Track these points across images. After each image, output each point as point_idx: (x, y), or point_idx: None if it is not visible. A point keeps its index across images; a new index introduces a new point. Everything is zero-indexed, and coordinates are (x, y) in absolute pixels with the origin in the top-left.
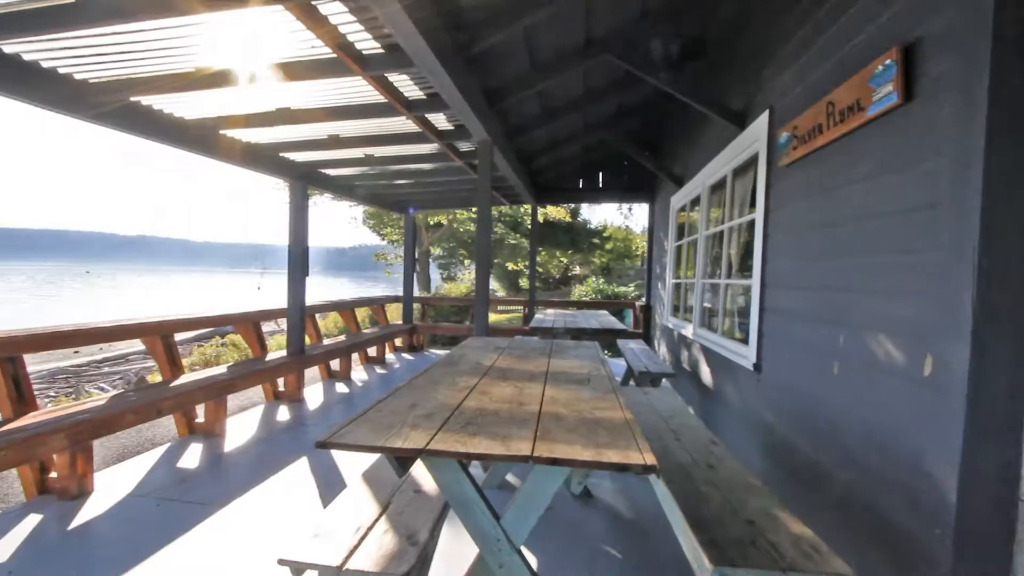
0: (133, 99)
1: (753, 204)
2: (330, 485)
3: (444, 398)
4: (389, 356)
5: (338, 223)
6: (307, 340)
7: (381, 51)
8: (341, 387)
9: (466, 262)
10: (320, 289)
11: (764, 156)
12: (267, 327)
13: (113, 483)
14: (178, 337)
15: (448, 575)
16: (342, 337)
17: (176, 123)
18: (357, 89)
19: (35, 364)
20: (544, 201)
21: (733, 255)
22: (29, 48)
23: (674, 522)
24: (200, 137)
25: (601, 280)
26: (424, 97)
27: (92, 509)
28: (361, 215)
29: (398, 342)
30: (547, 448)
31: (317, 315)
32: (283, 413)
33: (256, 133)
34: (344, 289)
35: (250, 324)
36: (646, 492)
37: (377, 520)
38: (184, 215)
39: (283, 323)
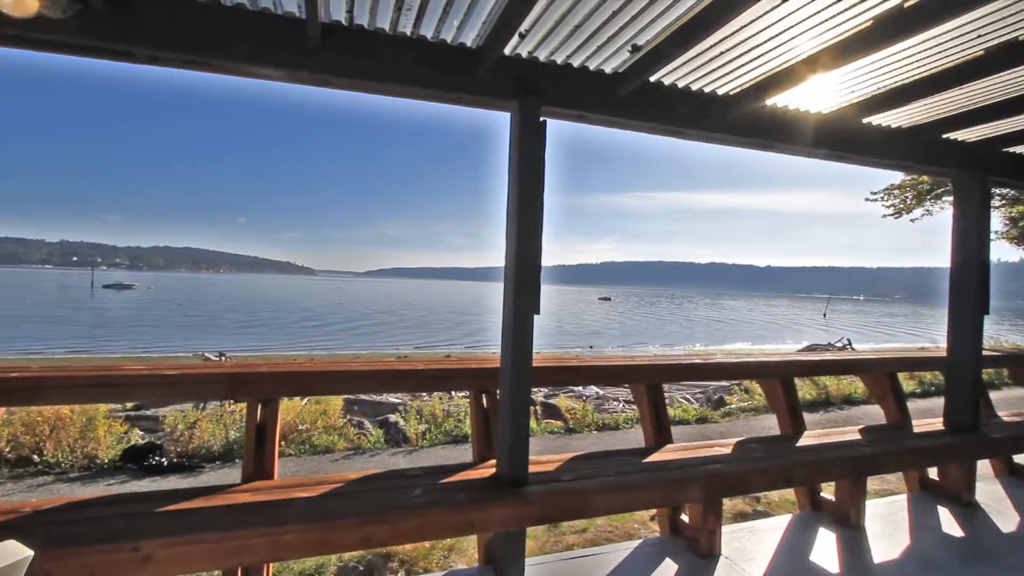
0: (761, 104)
1: None
2: None
3: None
4: None
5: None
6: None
7: None
8: None
9: None
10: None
11: None
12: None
13: (738, 553)
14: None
15: None
16: None
17: (801, 120)
18: None
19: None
20: None
21: None
22: (664, 73)
23: None
24: (830, 133)
25: None
26: None
27: None
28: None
29: None
30: None
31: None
32: (944, 519)
33: (912, 109)
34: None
35: (884, 375)
36: None
37: None
38: (749, 242)
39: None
